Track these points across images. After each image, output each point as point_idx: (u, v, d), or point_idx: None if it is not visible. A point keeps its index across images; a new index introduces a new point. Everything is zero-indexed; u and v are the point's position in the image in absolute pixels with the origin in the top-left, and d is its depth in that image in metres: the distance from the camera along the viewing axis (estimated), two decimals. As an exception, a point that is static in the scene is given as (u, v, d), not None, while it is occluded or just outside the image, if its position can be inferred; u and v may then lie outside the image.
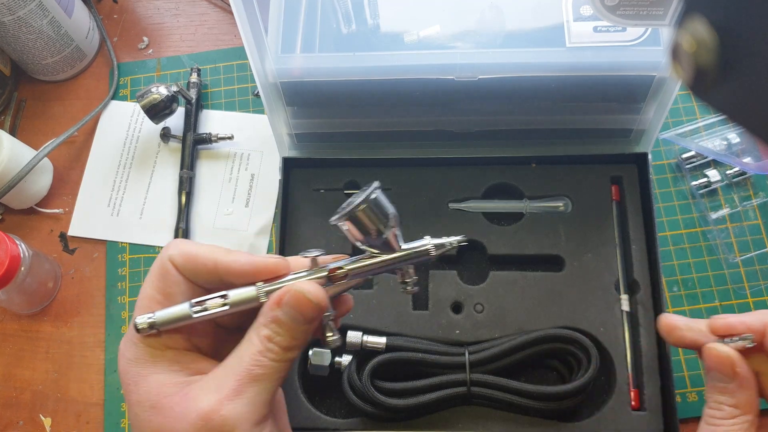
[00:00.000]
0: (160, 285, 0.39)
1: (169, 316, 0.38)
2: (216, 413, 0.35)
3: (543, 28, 0.55)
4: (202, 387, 0.37)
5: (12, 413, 0.63)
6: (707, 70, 0.25)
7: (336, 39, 0.57)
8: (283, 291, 0.38)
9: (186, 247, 0.40)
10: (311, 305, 0.38)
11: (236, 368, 0.37)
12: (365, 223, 0.39)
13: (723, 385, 0.42)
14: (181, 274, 0.40)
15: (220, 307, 0.38)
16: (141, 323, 0.38)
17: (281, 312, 0.38)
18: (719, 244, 0.62)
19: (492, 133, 0.62)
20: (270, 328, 0.38)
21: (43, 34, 0.69)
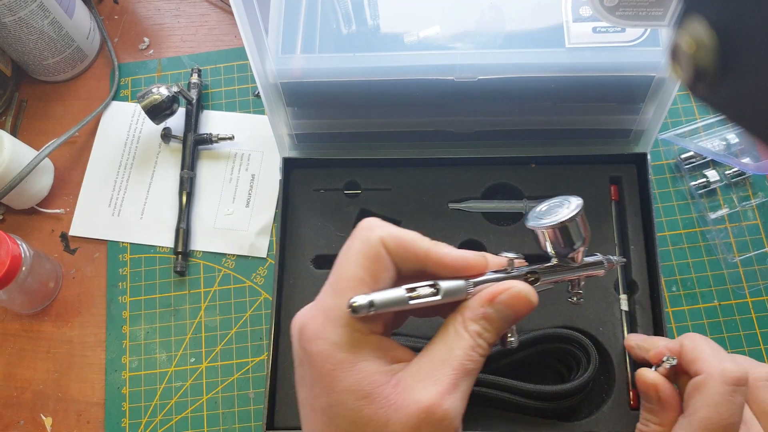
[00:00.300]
0: (371, 268, 0.37)
1: (387, 299, 0.36)
2: (439, 406, 0.34)
3: (543, 29, 0.55)
4: (412, 376, 0.36)
5: (13, 413, 0.63)
6: (706, 71, 0.25)
7: (336, 39, 0.57)
8: (499, 290, 0.38)
9: (396, 232, 0.38)
10: (529, 306, 0.38)
11: (450, 361, 0.36)
12: (567, 235, 0.41)
13: (650, 405, 0.46)
14: (392, 259, 0.38)
15: (433, 297, 0.37)
16: (360, 303, 0.35)
17: (493, 309, 0.37)
18: (718, 244, 0.63)
19: (492, 133, 0.62)
20: (480, 324, 0.37)
21: (44, 34, 0.69)
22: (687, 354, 0.45)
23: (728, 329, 0.60)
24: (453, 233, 0.61)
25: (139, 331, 0.65)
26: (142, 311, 0.65)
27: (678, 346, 0.46)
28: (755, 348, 0.59)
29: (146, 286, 0.66)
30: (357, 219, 0.62)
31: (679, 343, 0.46)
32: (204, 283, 0.66)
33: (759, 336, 0.60)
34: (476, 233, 0.61)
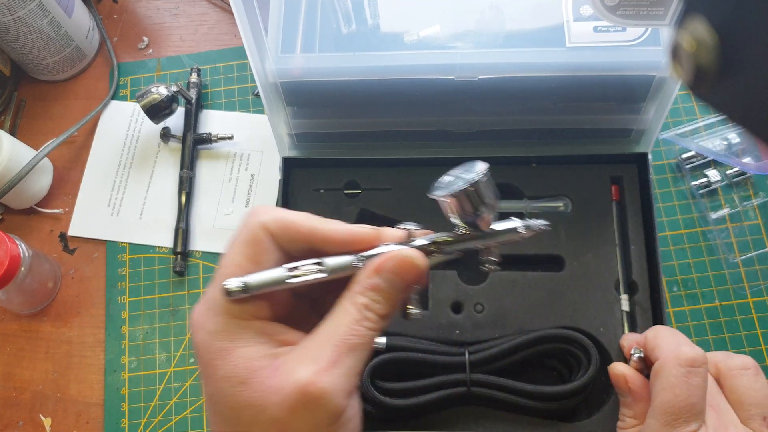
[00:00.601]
0: (250, 252, 0.37)
1: (263, 280, 0.36)
2: (314, 385, 0.34)
3: (543, 28, 0.55)
4: (295, 358, 0.35)
5: (12, 413, 0.63)
6: (707, 70, 0.25)
7: (336, 39, 0.56)
8: (385, 258, 0.37)
9: (280, 214, 0.38)
10: (417, 270, 0.38)
11: (332, 338, 0.35)
12: (471, 202, 0.39)
13: (623, 399, 0.48)
14: (275, 242, 0.38)
15: (316, 273, 0.37)
16: (232, 286, 0.35)
17: (380, 279, 0.37)
18: (719, 244, 0.62)
19: (492, 133, 0.62)
20: (368, 296, 0.37)
21: (43, 34, 0.69)
22: (649, 343, 0.46)
23: (729, 329, 0.60)
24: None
25: (139, 332, 0.65)
26: (142, 311, 0.65)
27: (644, 338, 0.48)
28: (756, 348, 0.59)
29: (145, 286, 0.66)
30: (357, 219, 0.62)
31: (644, 336, 0.48)
32: (203, 283, 0.66)
33: (760, 336, 0.59)
34: (476, 233, 0.60)
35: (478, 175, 0.39)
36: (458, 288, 0.58)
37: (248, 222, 0.38)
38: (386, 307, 0.37)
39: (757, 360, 0.58)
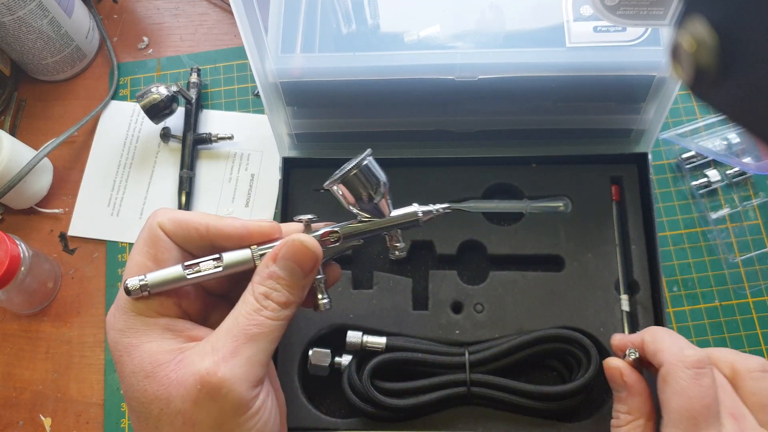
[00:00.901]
0: (151, 251, 0.39)
1: (161, 278, 0.37)
2: (213, 375, 0.35)
3: (543, 28, 0.55)
4: (198, 352, 0.36)
5: (12, 413, 0.63)
6: (707, 70, 0.25)
7: (336, 39, 0.57)
8: (278, 246, 0.38)
9: (175, 214, 0.40)
10: (310, 254, 0.38)
11: (232, 329, 0.36)
12: (357, 188, 0.41)
13: (618, 395, 0.46)
14: (172, 240, 0.39)
15: (214, 269, 0.38)
16: (132, 285, 0.37)
17: (277, 267, 0.38)
18: (719, 244, 0.62)
19: (492, 133, 0.62)
20: (266, 285, 0.38)
21: (43, 34, 0.69)
22: (648, 347, 0.45)
23: (729, 329, 0.60)
24: (453, 233, 0.61)
25: (139, 332, 0.65)
26: (142, 311, 0.65)
27: (639, 340, 0.47)
28: (757, 348, 0.59)
29: (145, 286, 0.66)
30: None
31: (640, 338, 0.47)
32: (203, 283, 0.66)
33: (760, 336, 0.59)
34: (476, 233, 0.60)
35: (358, 159, 0.41)
36: (458, 288, 0.58)
37: (147, 222, 0.40)
38: (286, 294, 0.38)
39: (757, 360, 0.58)
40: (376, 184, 0.42)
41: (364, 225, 0.42)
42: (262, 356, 0.36)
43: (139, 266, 0.39)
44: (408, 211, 0.44)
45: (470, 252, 0.61)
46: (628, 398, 0.45)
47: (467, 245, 0.61)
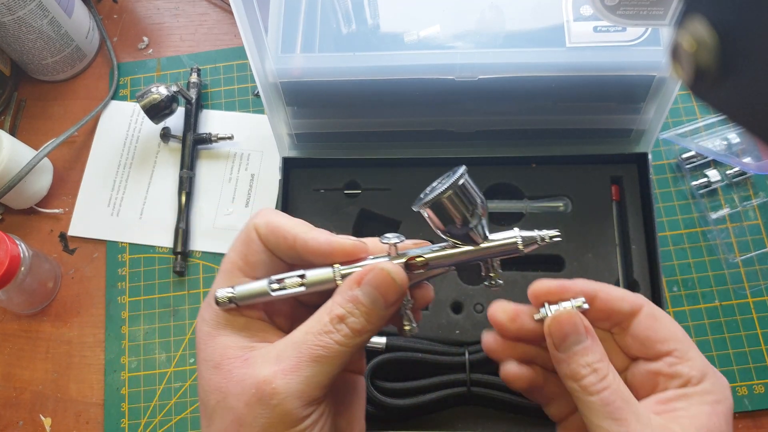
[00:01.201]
0: (244, 251, 0.39)
1: (248, 291, 0.37)
2: (269, 384, 0.35)
3: (543, 28, 0.55)
4: (264, 355, 0.36)
5: (12, 413, 0.63)
6: (707, 70, 0.25)
7: (336, 39, 0.56)
8: (365, 270, 0.37)
9: (271, 218, 0.39)
10: (395, 286, 0.37)
11: (299, 344, 0.36)
12: (450, 211, 0.36)
13: (581, 347, 0.38)
14: (264, 244, 0.39)
15: (297, 287, 0.37)
16: (221, 296, 0.37)
17: (360, 291, 0.37)
18: (719, 244, 0.62)
19: (492, 133, 0.62)
20: (345, 308, 0.36)
21: (43, 34, 0.69)
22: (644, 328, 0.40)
23: (729, 329, 0.60)
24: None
25: (139, 332, 0.65)
26: (142, 311, 0.65)
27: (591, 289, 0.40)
28: (757, 348, 0.59)
29: (145, 287, 0.66)
30: (357, 219, 0.62)
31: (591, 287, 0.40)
32: (203, 284, 0.66)
33: (760, 336, 0.59)
34: (476, 233, 0.60)
35: (453, 179, 0.36)
36: (458, 288, 0.58)
37: (247, 223, 0.40)
38: (362, 322, 0.37)
39: (757, 360, 0.58)
40: (470, 208, 0.36)
41: (454, 253, 0.38)
42: (322, 378, 0.36)
43: (232, 264, 0.39)
44: (505, 237, 0.38)
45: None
46: (594, 345, 0.38)
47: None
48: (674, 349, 0.39)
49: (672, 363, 0.39)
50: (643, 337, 0.40)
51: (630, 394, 0.37)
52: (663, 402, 0.38)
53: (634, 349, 0.40)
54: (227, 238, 0.67)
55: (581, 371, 0.37)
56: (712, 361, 0.59)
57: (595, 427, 0.36)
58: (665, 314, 0.41)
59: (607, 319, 0.41)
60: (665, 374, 0.39)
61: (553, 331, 0.38)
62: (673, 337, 0.40)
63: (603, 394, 0.36)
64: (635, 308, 0.40)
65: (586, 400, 0.37)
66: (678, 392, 0.38)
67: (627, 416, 0.36)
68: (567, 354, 0.38)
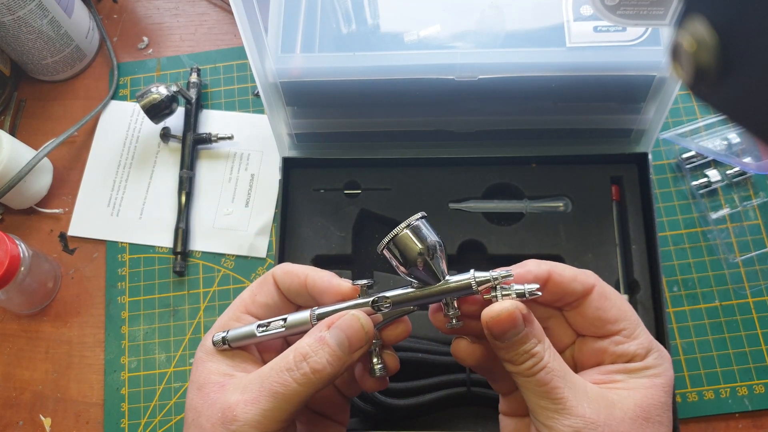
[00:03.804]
0: (255, 292, 0.44)
1: (238, 334, 0.42)
2: (231, 410, 0.38)
3: (543, 28, 0.55)
4: (235, 384, 0.40)
5: (12, 413, 0.63)
6: (707, 70, 0.25)
7: (336, 39, 0.56)
8: (337, 315, 0.40)
9: (288, 266, 0.44)
10: (361, 334, 0.39)
11: (263, 378, 0.39)
12: (404, 253, 0.39)
13: (519, 337, 0.38)
14: (278, 287, 0.44)
15: (279, 329, 0.41)
16: (216, 339, 0.42)
17: (329, 333, 0.39)
18: (719, 244, 0.62)
19: (492, 133, 0.62)
20: (310, 347, 0.39)
21: (43, 34, 0.69)
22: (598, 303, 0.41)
23: (730, 329, 0.60)
24: (453, 233, 0.61)
25: (138, 332, 0.65)
26: (141, 311, 0.65)
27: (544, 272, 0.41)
28: (757, 348, 0.59)
29: (145, 287, 0.66)
30: (357, 219, 0.62)
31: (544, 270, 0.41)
32: (203, 284, 0.66)
33: (760, 336, 0.59)
34: (476, 233, 0.60)
35: (406, 222, 0.39)
36: (458, 288, 0.58)
37: (268, 271, 0.46)
38: (323, 362, 0.38)
39: (757, 360, 0.58)
40: (423, 249, 0.38)
41: (416, 292, 0.40)
42: (278, 413, 0.38)
43: (242, 301, 0.44)
44: (462, 278, 0.39)
45: (470, 252, 0.61)
46: (531, 331, 0.38)
47: (467, 245, 0.61)
48: (623, 329, 0.41)
49: (619, 342, 0.41)
50: (594, 318, 0.41)
51: (567, 369, 0.39)
52: (603, 373, 0.40)
53: (584, 327, 0.42)
54: (227, 238, 0.67)
55: (519, 358, 0.38)
56: (712, 360, 0.59)
57: (534, 404, 0.38)
58: (615, 292, 0.42)
59: (559, 300, 0.42)
60: (611, 352, 0.41)
61: (492, 327, 0.38)
62: (623, 316, 0.41)
63: (539, 375, 0.38)
64: (587, 288, 0.41)
65: (523, 381, 0.38)
66: (619, 366, 0.40)
67: (563, 394, 0.37)
68: (505, 344, 0.38)
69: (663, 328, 0.55)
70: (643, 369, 0.40)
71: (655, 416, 0.38)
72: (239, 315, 0.43)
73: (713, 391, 0.58)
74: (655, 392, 0.39)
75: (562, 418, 0.37)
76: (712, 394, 0.58)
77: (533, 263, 0.41)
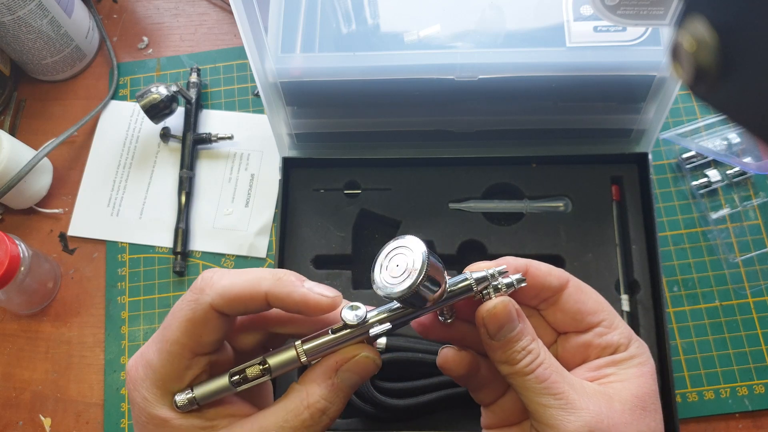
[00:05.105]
0: (196, 332, 0.36)
1: (208, 391, 0.36)
2: None
3: (543, 28, 0.55)
4: None
5: (12, 413, 0.63)
6: (707, 70, 0.25)
7: (336, 39, 0.56)
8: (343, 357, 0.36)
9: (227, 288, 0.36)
10: (375, 368, 0.37)
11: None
12: (418, 300, 0.36)
13: (515, 333, 0.37)
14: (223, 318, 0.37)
15: (262, 376, 0.36)
16: (181, 400, 0.36)
17: (340, 379, 0.36)
18: (719, 244, 0.62)
19: (492, 133, 0.62)
20: (327, 399, 0.36)
21: (43, 33, 0.69)
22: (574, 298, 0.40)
23: (730, 329, 0.60)
24: (453, 233, 0.61)
25: (138, 332, 0.65)
26: (141, 312, 0.65)
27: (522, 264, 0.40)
28: (757, 348, 0.59)
29: (145, 287, 0.66)
30: (357, 219, 0.62)
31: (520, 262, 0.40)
32: (203, 284, 0.66)
33: (760, 336, 0.59)
34: (476, 233, 0.60)
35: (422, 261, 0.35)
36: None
37: (195, 299, 0.36)
38: (340, 405, 0.36)
39: (757, 360, 0.58)
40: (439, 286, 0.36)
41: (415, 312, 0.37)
42: None
43: (180, 345, 0.36)
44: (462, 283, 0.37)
45: (470, 252, 0.61)
46: (525, 327, 0.38)
47: (467, 245, 0.61)
48: (603, 320, 0.40)
49: (601, 333, 0.40)
50: (574, 311, 0.40)
51: (561, 367, 0.38)
52: (593, 369, 0.40)
53: (564, 323, 0.41)
54: (227, 238, 0.67)
55: (516, 356, 0.37)
56: (712, 360, 0.59)
57: (535, 404, 0.36)
58: (588, 286, 0.42)
59: (536, 296, 0.41)
60: (595, 345, 0.40)
61: (489, 323, 0.37)
62: (600, 308, 0.41)
63: (537, 371, 0.37)
64: (563, 282, 0.41)
65: (522, 381, 0.37)
66: (607, 359, 0.40)
67: (564, 389, 0.36)
68: (501, 342, 0.37)
69: (663, 328, 0.55)
70: (630, 359, 0.39)
71: (650, 404, 0.38)
72: (186, 363, 0.36)
73: (713, 391, 0.58)
74: (646, 381, 0.39)
75: (567, 414, 0.35)
76: (712, 394, 0.58)
77: (510, 259, 0.40)
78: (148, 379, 0.37)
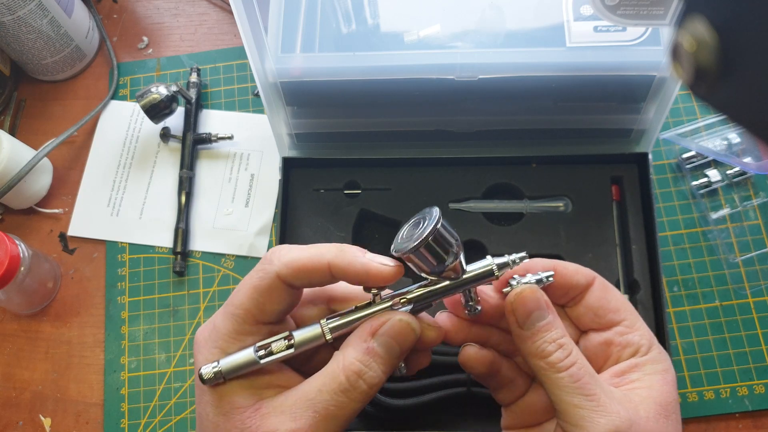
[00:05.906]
0: (260, 300, 0.37)
1: (235, 363, 0.37)
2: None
3: (543, 28, 0.55)
4: (277, 407, 0.36)
5: (12, 413, 0.63)
6: (707, 70, 0.25)
7: (336, 39, 0.56)
8: (379, 321, 0.37)
9: (292, 258, 0.37)
10: (414, 335, 0.37)
11: (316, 402, 0.35)
12: (430, 256, 0.36)
13: (545, 323, 0.38)
14: (290, 288, 0.38)
15: (286, 350, 0.37)
16: (206, 373, 0.36)
17: (377, 343, 0.36)
18: (720, 244, 0.62)
19: (492, 133, 0.62)
20: (362, 362, 0.36)
21: (43, 33, 0.69)
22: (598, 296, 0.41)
23: (730, 330, 0.60)
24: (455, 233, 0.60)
25: (138, 332, 0.65)
26: (141, 312, 0.65)
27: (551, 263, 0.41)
28: (757, 348, 0.59)
29: (145, 287, 0.66)
30: (357, 219, 0.62)
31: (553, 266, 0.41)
32: (203, 284, 0.66)
33: (761, 336, 0.59)
34: (477, 233, 0.60)
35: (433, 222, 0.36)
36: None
37: (263, 269, 0.38)
38: (379, 375, 0.36)
39: (757, 360, 0.58)
40: (448, 250, 0.37)
41: (438, 287, 0.38)
42: (337, 431, 0.36)
43: (244, 310, 0.37)
44: (484, 266, 0.38)
45: (470, 252, 0.61)
46: (556, 320, 0.39)
47: (467, 245, 0.61)
48: (624, 319, 0.41)
49: (622, 332, 0.40)
50: (597, 307, 0.41)
51: (592, 369, 0.38)
52: (617, 374, 0.39)
53: (587, 320, 0.41)
54: (227, 238, 0.67)
55: (548, 348, 0.37)
56: (712, 360, 0.59)
57: (565, 404, 0.36)
58: (613, 286, 0.42)
59: (564, 295, 0.42)
60: (617, 343, 0.40)
61: (517, 308, 0.38)
62: (623, 307, 0.41)
63: (571, 369, 0.37)
64: (589, 280, 0.42)
65: (554, 378, 0.37)
66: (630, 363, 0.40)
67: (596, 390, 0.36)
68: (531, 331, 0.38)
69: (663, 328, 0.55)
70: (653, 363, 0.39)
71: (671, 413, 0.38)
72: (249, 329, 0.38)
73: (713, 391, 0.58)
74: (669, 389, 0.39)
75: (598, 416, 0.35)
76: (712, 394, 0.58)
77: (538, 260, 0.42)
78: (211, 339, 0.38)
